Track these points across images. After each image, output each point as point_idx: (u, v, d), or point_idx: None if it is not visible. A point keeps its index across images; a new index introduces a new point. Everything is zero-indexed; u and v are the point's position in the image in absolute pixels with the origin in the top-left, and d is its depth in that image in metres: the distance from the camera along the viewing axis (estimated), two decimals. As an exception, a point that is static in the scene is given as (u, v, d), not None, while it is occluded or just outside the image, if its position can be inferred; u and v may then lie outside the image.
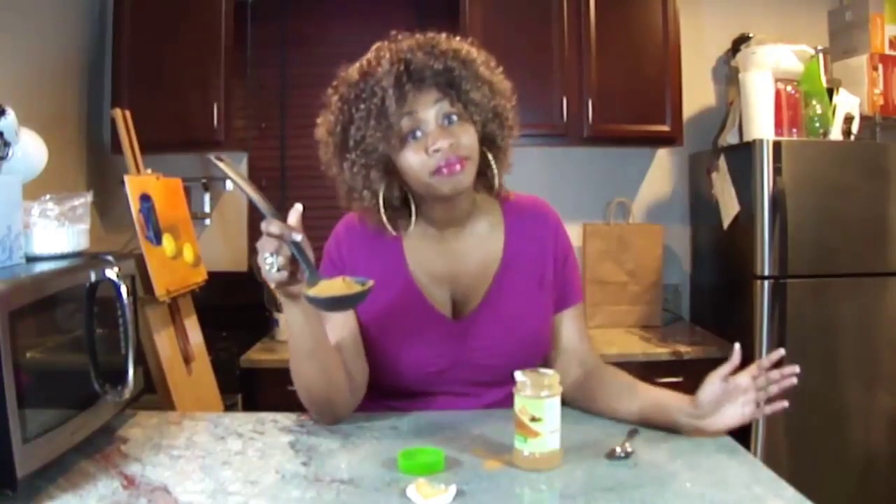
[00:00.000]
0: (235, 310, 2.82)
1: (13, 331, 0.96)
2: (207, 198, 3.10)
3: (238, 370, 2.57)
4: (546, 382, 1.06)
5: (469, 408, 1.30)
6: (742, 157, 2.65)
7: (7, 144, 1.31)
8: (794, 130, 2.67)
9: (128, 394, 1.25)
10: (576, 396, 1.32)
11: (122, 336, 1.26)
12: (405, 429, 1.24)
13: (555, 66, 2.86)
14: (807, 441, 2.54)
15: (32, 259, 1.24)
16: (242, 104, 3.15)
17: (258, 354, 2.63)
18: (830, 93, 2.73)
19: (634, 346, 2.72)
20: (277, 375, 2.57)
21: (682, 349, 2.66)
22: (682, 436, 1.18)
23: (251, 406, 2.54)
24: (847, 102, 2.73)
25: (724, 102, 3.15)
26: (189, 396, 2.08)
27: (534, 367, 1.12)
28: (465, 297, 1.31)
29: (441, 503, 0.94)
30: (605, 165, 3.22)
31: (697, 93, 3.18)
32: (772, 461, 1.11)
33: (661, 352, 2.65)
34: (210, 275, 2.35)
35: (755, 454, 2.10)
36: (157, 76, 2.83)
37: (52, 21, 2.78)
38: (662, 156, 3.26)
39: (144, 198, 2.04)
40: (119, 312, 1.25)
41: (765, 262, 2.54)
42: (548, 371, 1.09)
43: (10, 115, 1.30)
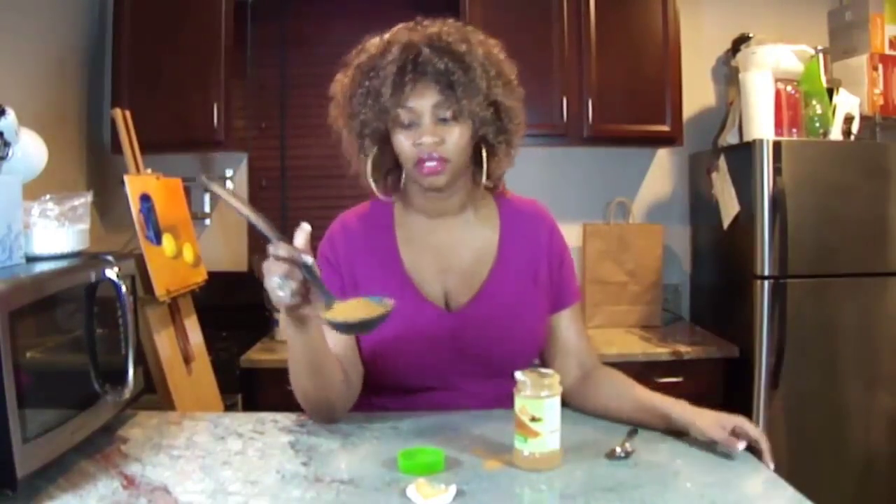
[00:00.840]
0: (235, 310, 2.82)
1: (13, 331, 0.96)
2: (207, 198, 3.10)
3: (238, 370, 2.57)
4: (546, 382, 1.06)
5: (465, 403, 1.30)
6: (742, 157, 2.65)
7: (7, 144, 1.31)
8: (794, 130, 2.66)
9: (128, 394, 1.26)
10: (574, 397, 1.32)
11: (122, 336, 1.26)
12: (405, 429, 1.24)
13: (555, 66, 2.87)
14: (807, 441, 2.54)
15: (32, 259, 1.24)
16: (242, 104, 3.14)
17: (258, 354, 2.62)
18: (830, 93, 2.73)
19: (634, 346, 2.72)
20: (277, 375, 2.57)
21: (682, 349, 2.66)
22: (682, 436, 1.18)
23: (251, 406, 2.54)
24: (847, 102, 2.72)
25: (724, 102, 3.15)
26: (189, 396, 2.08)
27: (533, 367, 1.12)
28: (459, 290, 1.31)
29: (441, 503, 0.94)
30: (605, 165, 3.22)
31: (697, 93, 3.18)
32: (773, 455, 1.10)
33: (661, 352, 2.65)
34: (210, 275, 2.35)
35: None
36: (157, 76, 2.83)
37: (52, 21, 2.78)
38: (662, 156, 3.26)
39: (144, 198, 2.04)
40: (119, 312, 1.25)
41: (765, 262, 2.54)
42: (548, 371, 1.09)
43: (10, 115, 1.30)
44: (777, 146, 2.53)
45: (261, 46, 3.18)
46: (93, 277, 1.21)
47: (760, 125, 2.65)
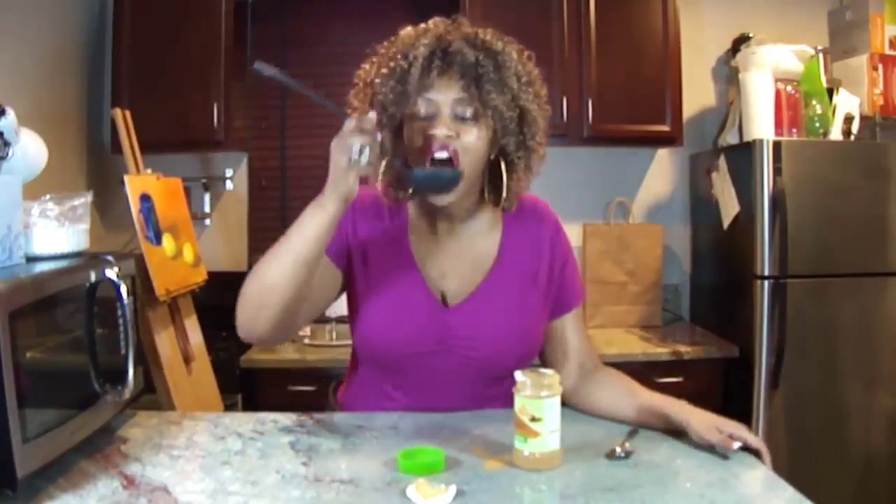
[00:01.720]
0: (235, 310, 2.81)
1: (13, 331, 0.96)
2: (207, 198, 3.10)
3: (238, 370, 2.57)
4: (546, 382, 1.06)
5: (461, 403, 1.30)
6: (742, 157, 2.65)
7: (7, 144, 1.31)
8: (794, 130, 2.67)
9: (128, 394, 1.25)
10: (574, 397, 1.32)
11: (122, 336, 1.26)
12: (405, 429, 1.24)
13: (555, 66, 2.86)
14: (807, 441, 2.54)
15: (32, 259, 1.24)
16: (242, 104, 3.15)
17: (258, 354, 2.62)
18: (830, 93, 2.73)
19: (634, 346, 2.72)
20: (277, 375, 2.58)
21: (682, 349, 2.66)
22: (682, 436, 1.18)
23: (251, 406, 2.54)
24: (847, 102, 2.72)
25: (724, 102, 3.15)
26: (189, 396, 2.08)
27: (533, 367, 1.12)
28: (457, 290, 1.30)
29: (441, 503, 0.94)
30: (605, 165, 3.22)
31: (697, 93, 3.18)
32: (772, 461, 1.11)
33: (661, 352, 2.65)
34: (210, 275, 2.35)
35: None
36: (157, 76, 2.83)
37: (52, 21, 2.78)
38: (662, 156, 3.26)
39: (144, 198, 2.04)
40: (119, 312, 1.25)
41: (765, 262, 2.54)
42: (548, 371, 1.09)
43: (10, 115, 1.30)
44: (777, 146, 2.53)
45: (261, 46, 3.17)
46: (93, 277, 1.21)
47: (760, 125, 2.65)
